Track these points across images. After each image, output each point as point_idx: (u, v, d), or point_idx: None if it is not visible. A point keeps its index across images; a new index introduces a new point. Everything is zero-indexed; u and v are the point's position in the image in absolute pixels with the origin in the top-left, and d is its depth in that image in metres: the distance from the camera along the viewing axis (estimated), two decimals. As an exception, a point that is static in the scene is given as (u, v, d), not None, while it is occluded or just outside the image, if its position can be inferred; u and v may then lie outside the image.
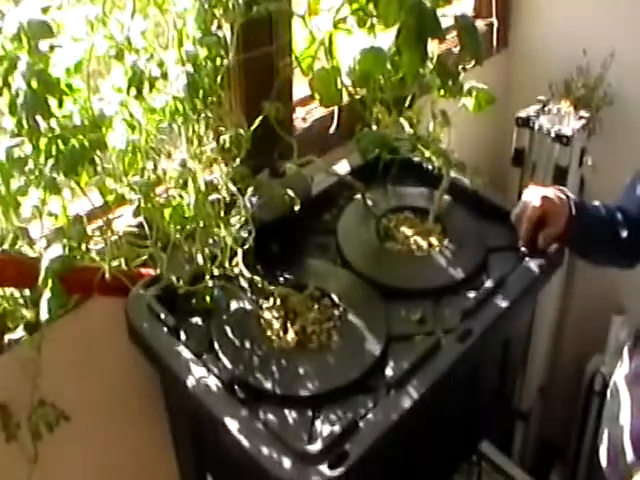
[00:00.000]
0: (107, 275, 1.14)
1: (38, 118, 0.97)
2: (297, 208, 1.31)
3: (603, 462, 1.70)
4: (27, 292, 1.19)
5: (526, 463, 2.84)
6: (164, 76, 1.11)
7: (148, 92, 1.10)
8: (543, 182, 2.26)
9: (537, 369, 2.67)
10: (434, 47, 1.31)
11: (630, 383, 1.56)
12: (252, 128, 1.28)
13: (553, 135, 2.23)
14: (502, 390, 1.56)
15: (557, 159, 2.27)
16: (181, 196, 1.19)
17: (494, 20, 2.20)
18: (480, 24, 2.24)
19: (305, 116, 1.75)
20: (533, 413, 2.79)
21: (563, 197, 1.50)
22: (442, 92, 1.42)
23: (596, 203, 1.67)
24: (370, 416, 1.11)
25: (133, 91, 1.08)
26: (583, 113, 2.25)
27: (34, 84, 0.95)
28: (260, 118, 1.30)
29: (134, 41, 1.08)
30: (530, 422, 2.80)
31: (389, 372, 1.19)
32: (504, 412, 1.64)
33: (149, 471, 1.63)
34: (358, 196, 1.56)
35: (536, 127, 2.27)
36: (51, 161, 1.01)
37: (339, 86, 1.33)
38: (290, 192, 1.31)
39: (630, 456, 1.56)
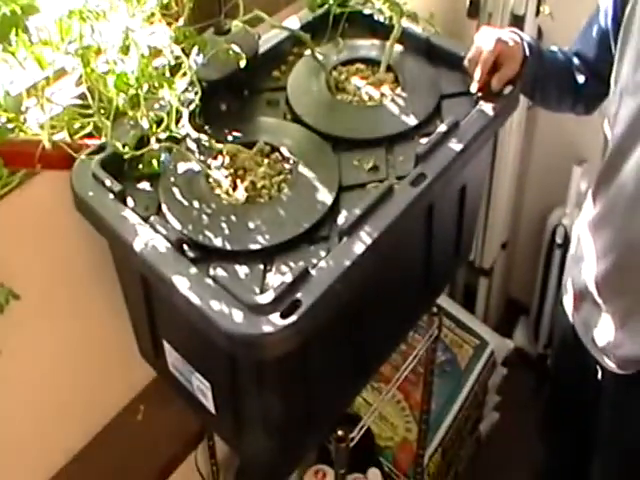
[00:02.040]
0: (47, 145, 1.10)
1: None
2: (243, 64, 1.26)
3: (568, 310, 1.72)
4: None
5: (490, 320, 2.88)
6: None
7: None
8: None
9: (499, 224, 2.68)
10: None
11: (594, 227, 1.56)
12: (194, -16, 1.21)
13: (508, -18, 2.18)
14: (460, 240, 1.55)
15: (513, 8, 2.23)
16: (123, 61, 1.14)
17: None
18: None
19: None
20: (496, 269, 2.81)
21: (517, 39, 1.46)
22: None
23: (553, 48, 1.64)
24: (322, 264, 1.07)
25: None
26: (539, -41, 2.20)
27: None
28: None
29: None
30: (493, 279, 2.82)
31: (341, 220, 1.15)
32: (462, 263, 1.64)
33: (106, 342, 1.61)
34: (308, 52, 1.50)
35: (491, -25, 2.21)
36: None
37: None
38: (235, 47, 1.25)
39: (594, 300, 1.57)
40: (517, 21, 2.23)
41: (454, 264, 1.71)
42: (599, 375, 1.66)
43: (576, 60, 1.60)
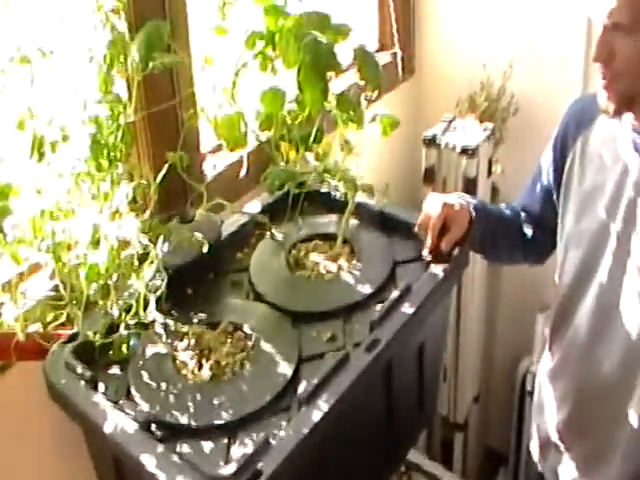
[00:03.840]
0: (21, 338, 1.16)
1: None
2: (205, 250, 1.33)
3: (535, 457, 1.73)
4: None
5: (470, 472, 2.86)
6: (65, 139, 1.14)
7: (51, 154, 1.12)
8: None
9: (469, 379, 2.71)
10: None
11: (552, 376, 1.61)
12: (158, 179, 1.30)
13: (459, 149, 2.28)
14: (422, 395, 1.59)
15: (465, 171, 2.32)
16: (93, 254, 1.21)
17: (397, 50, 2.30)
18: (385, 55, 2.34)
19: (215, 164, 1.77)
20: (471, 422, 2.81)
21: (463, 202, 1.55)
22: (347, 123, 1.47)
23: (502, 205, 1.73)
24: (282, 433, 1.13)
25: (35, 156, 1.10)
26: (487, 125, 2.32)
27: None
28: (165, 168, 1.32)
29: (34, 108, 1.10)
30: (468, 432, 2.82)
31: (300, 390, 1.21)
32: (429, 418, 1.65)
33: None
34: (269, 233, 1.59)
35: (442, 144, 2.32)
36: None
37: (243, 129, 1.37)
38: (198, 234, 1.33)
39: (557, 446, 1.60)
40: (470, 183, 2.32)
41: (420, 420, 1.74)
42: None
43: (523, 215, 1.69)
